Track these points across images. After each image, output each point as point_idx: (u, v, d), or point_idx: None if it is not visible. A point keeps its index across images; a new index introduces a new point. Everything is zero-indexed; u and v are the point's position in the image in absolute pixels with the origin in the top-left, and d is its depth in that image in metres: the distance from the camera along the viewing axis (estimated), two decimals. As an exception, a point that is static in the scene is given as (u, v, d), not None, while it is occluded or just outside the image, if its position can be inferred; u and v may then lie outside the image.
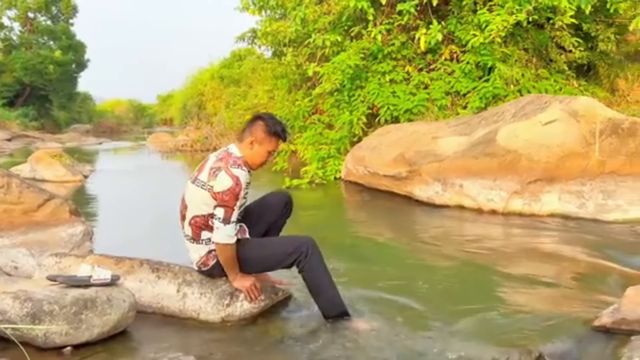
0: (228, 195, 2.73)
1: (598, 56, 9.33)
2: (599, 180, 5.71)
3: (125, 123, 48.16)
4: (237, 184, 2.72)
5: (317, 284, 2.88)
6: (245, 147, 2.86)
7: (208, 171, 2.82)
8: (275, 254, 2.92)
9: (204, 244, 2.95)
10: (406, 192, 6.87)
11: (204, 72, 26.79)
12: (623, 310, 2.66)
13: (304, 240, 2.89)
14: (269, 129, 2.85)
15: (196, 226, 2.92)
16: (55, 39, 35.89)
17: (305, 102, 10.34)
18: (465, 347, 2.58)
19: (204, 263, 3.00)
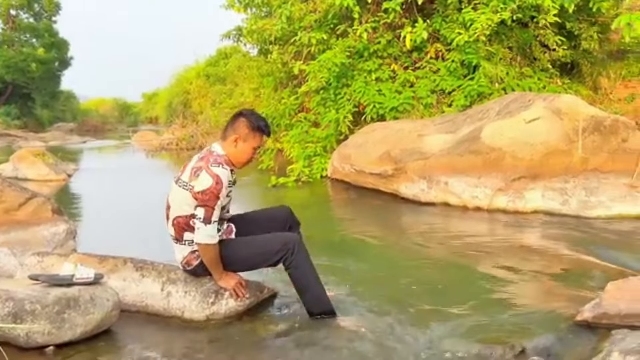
0: (208, 194, 2.69)
1: (581, 55, 9.43)
2: (581, 177, 5.77)
3: (110, 122, 47.76)
4: (218, 183, 2.68)
5: (304, 282, 2.89)
6: (229, 145, 2.82)
7: (190, 171, 2.79)
8: (261, 252, 2.91)
9: (187, 244, 2.92)
10: (392, 190, 6.89)
11: (189, 70, 26.64)
12: (604, 305, 2.70)
13: (290, 238, 2.89)
14: (252, 124, 2.81)
15: (179, 227, 2.89)
16: (37, 37, 35.39)
17: (291, 100, 10.32)
18: (449, 344, 2.60)
19: (188, 263, 2.98)
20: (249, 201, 7.22)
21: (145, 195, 7.95)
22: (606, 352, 2.23)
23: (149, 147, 18.00)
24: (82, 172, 11.41)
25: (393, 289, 3.40)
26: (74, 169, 11.44)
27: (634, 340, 2.21)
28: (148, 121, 44.02)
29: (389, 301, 3.20)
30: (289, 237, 2.90)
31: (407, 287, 3.48)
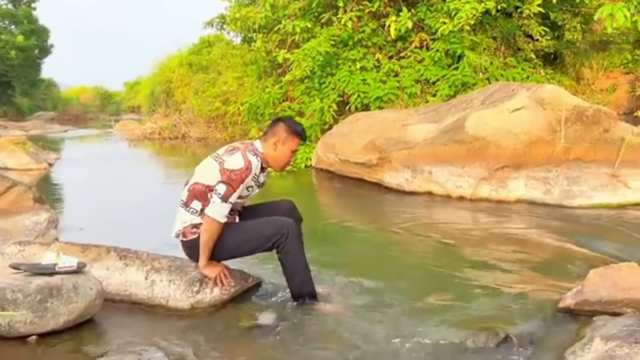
0: (236, 175, 2.78)
1: (564, 45, 9.52)
2: (564, 166, 5.83)
3: (92, 110, 47.17)
4: (248, 168, 2.79)
5: (294, 266, 2.91)
6: (269, 147, 2.95)
7: (226, 148, 2.92)
8: (257, 236, 2.91)
9: (190, 212, 2.92)
10: (376, 179, 6.91)
11: (172, 59, 26.28)
12: (586, 292, 2.74)
13: (284, 222, 2.92)
14: (290, 129, 2.95)
15: (193, 192, 2.92)
16: (17, 24, 34.63)
17: (275, 89, 10.26)
18: (433, 330, 2.62)
19: (184, 234, 2.95)
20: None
21: (128, 185, 7.88)
22: (588, 338, 2.26)
23: (132, 136, 17.82)
24: (63, 162, 11.25)
25: (377, 277, 3.40)
26: (55, 158, 11.28)
27: (615, 327, 2.25)
28: (130, 110, 43.51)
29: (373, 289, 3.21)
30: (283, 221, 2.93)
31: (391, 276, 3.50)
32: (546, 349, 2.42)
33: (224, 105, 14.04)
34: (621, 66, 10.13)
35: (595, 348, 2.12)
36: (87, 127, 28.94)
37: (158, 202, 6.47)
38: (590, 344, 2.17)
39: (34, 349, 2.46)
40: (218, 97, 14.76)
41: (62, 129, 25.70)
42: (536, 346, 2.46)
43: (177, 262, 3.04)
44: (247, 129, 11.42)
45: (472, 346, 2.47)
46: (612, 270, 2.77)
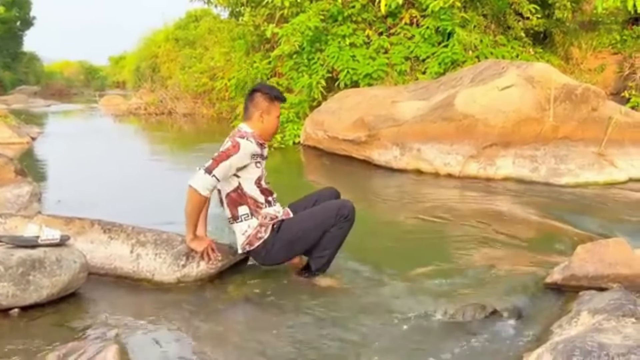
0: (221, 153, 2.75)
1: (554, 24, 9.47)
2: (552, 145, 5.85)
3: (76, 85, 46.40)
4: (235, 147, 2.75)
5: (333, 242, 2.89)
6: (257, 121, 2.91)
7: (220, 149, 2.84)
8: (320, 222, 2.87)
9: (243, 220, 2.86)
10: (365, 157, 6.88)
11: (158, 33, 25.81)
12: (573, 267, 2.74)
13: (345, 203, 2.92)
14: (269, 96, 2.91)
15: (232, 203, 2.88)
16: (-3, -5, 33.83)
17: (263, 65, 10.12)
18: (421, 304, 2.62)
19: (250, 243, 2.88)
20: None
21: (112, 159, 7.77)
22: (575, 312, 2.27)
23: (117, 111, 17.59)
24: (46, 136, 11.07)
25: (366, 252, 3.39)
26: (38, 132, 11.10)
27: (601, 301, 2.25)
28: (115, 85, 42.90)
29: (362, 264, 3.20)
30: (343, 203, 2.93)
31: (380, 251, 3.49)
32: (533, 323, 2.43)
33: (211, 81, 13.88)
34: (609, 46, 10.11)
35: (582, 321, 2.12)
36: (71, 102, 28.48)
37: (143, 178, 6.41)
38: (577, 318, 2.17)
39: (16, 322, 2.42)
40: (205, 73, 14.57)
41: (46, 104, 25.27)
42: (523, 320, 2.47)
43: (163, 236, 3.00)
44: (235, 105, 11.30)
45: (461, 320, 2.48)
46: (599, 246, 2.78)
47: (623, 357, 1.72)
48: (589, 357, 1.74)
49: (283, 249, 2.88)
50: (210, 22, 17.92)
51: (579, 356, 1.75)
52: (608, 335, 1.87)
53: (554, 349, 1.87)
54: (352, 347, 2.27)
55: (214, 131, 12.44)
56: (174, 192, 5.51)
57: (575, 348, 1.79)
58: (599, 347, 1.78)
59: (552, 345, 1.93)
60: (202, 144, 9.65)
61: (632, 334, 1.86)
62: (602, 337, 1.86)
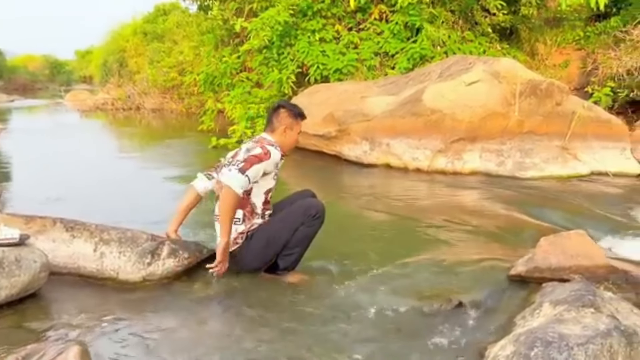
0: (252, 156, 2.77)
1: (520, 20, 9.61)
2: (517, 139, 5.95)
3: (40, 80, 45.33)
4: (266, 154, 2.80)
5: (303, 240, 2.91)
6: (281, 135, 3.00)
7: (244, 152, 2.84)
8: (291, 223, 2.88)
9: (233, 223, 2.84)
10: (335, 152, 6.89)
11: (125, 27, 25.35)
12: (536, 259, 2.80)
13: (314, 203, 2.97)
14: (293, 113, 3.03)
15: None
16: (-44, -14, 32.67)
17: (232, 59, 10.01)
18: (389, 300, 2.63)
19: (234, 241, 2.87)
20: (188, 163, 7.04)
21: (77, 156, 7.61)
22: (537, 303, 2.31)
23: (83, 107, 17.23)
24: (9, 132, 10.77)
25: (335, 249, 3.39)
26: (0, 128, 10.78)
27: (563, 292, 2.30)
28: (82, 80, 42.03)
29: (330, 261, 3.19)
30: (313, 202, 2.98)
31: (348, 247, 3.50)
32: (498, 315, 2.47)
33: (180, 76, 13.71)
34: (573, 42, 10.31)
35: (544, 312, 2.16)
36: (36, 97, 27.78)
37: (109, 175, 6.29)
38: (540, 309, 2.22)
39: (-26, 324, 2.35)
40: (173, 67, 14.38)
41: (9, 99, 24.61)
42: (488, 312, 2.50)
43: (127, 234, 2.94)
44: (204, 99, 11.17)
45: (428, 312, 2.50)
46: (561, 238, 2.84)
47: (582, 347, 1.76)
48: (549, 347, 1.77)
49: (257, 255, 2.89)
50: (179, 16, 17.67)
51: (540, 347, 1.78)
52: (568, 325, 1.91)
53: (516, 340, 1.90)
54: (317, 343, 2.26)
55: (183, 126, 12.30)
56: (141, 189, 5.47)
57: (536, 339, 1.83)
58: (559, 337, 1.81)
59: (514, 336, 1.96)
60: (171, 139, 9.54)
61: (590, 324, 1.90)
62: (563, 327, 1.90)
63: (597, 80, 8.44)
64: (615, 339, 1.83)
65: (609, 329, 1.86)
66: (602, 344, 1.78)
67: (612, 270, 2.64)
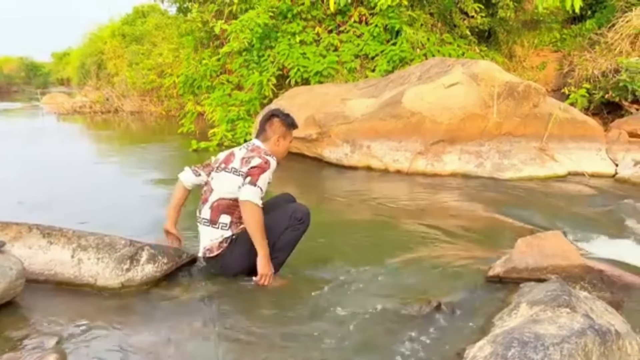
0: (256, 168, 2.83)
1: (498, 23, 9.73)
2: (496, 141, 6.02)
3: (16, 82, 44.59)
4: (267, 163, 2.86)
5: (287, 245, 2.94)
6: (274, 144, 3.04)
7: (240, 161, 2.92)
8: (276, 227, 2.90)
9: (220, 228, 2.88)
10: (316, 154, 6.90)
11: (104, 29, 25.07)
12: (513, 260, 2.84)
13: (300, 208, 2.98)
14: (286, 122, 3.07)
15: (218, 208, 2.90)
16: None
17: (212, 62, 9.97)
18: (367, 301, 2.65)
19: (211, 249, 2.89)
20: (168, 167, 6.99)
21: (54, 160, 7.50)
22: (515, 303, 2.34)
23: (60, 110, 16.99)
24: (-16, 136, 10.58)
25: (315, 250, 3.40)
26: (-26, 132, 10.58)
27: (539, 292, 2.33)
28: (59, 83, 41.47)
29: (310, 261, 3.20)
30: (296, 207, 3.00)
31: (328, 249, 3.51)
32: (476, 315, 2.49)
33: (159, 78, 13.60)
34: (550, 44, 10.49)
35: (521, 313, 2.19)
36: (12, 100, 27.33)
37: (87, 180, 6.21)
38: (517, 309, 2.25)
39: (-52, 334, 2.30)
40: (153, 70, 14.25)
41: (-16, 102, 24.16)
42: (467, 313, 2.53)
43: (105, 239, 2.91)
44: (184, 102, 11.10)
45: (407, 314, 2.52)
46: (538, 238, 2.88)
47: (558, 346, 1.79)
48: (526, 347, 1.80)
49: (241, 258, 2.88)
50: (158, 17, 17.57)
51: (517, 347, 1.81)
52: (544, 325, 1.94)
53: (494, 341, 1.92)
54: (299, 347, 2.27)
55: (163, 129, 12.20)
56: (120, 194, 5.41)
57: (513, 339, 1.85)
58: (536, 337, 1.84)
59: (492, 337, 1.99)
60: (150, 142, 9.46)
61: (566, 324, 1.93)
62: (539, 327, 1.93)
63: (573, 82, 8.60)
64: (589, 337, 1.86)
65: (583, 328, 1.89)
66: (576, 343, 1.81)
67: (588, 270, 2.69)
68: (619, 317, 2.21)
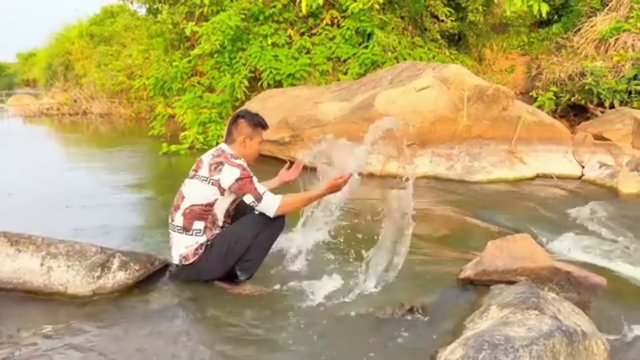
0: (243, 180, 2.82)
1: (467, 26, 9.91)
2: (466, 143, 6.12)
3: (-21, 83, 43.31)
4: (245, 169, 2.86)
5: (264, 248, 2.93)
6: (239, 146, 2.98)
7: (208, 167, 2.87)
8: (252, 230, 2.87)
9: (194, 234, 2.84)
10: (289, 157, 6.88)
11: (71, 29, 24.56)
12: (484, 262, 2.89)
13: None
14: (253, 122, 3.01)
15: (191, 215, 2.85)
16: None
17: (183, 64, 9.87)
18: (341, 306, 2.67)
19: (186, 257, 2.85)
20: (138, 171, 6.90)
21: (20, 165, 7.32)
22: (485, 306, 2.39)
23: (27, 112, 16.62)
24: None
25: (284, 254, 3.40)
26: None
27: (508, 295, 2.38)
28: (25, 84, 40.46)
29: (283, 268, 3.21)
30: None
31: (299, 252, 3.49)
32: (448, 318, 2.53)
33: (129, 80, 13.40)
34: (518, 48, 10.71)
35: (491, 315, 2.24)
36: (-25, 102, 26.57)
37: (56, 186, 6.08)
38: (488, 312, 2.29)
39: None
40: (122, 71, 14.04)
41: (-55, 104, 23.41)
42: (439, 315, 2.57)
43: (76, 247, 2.86)
44: (154, 104, 10.96)
45: (380, 318, 2.54)
46: (507, 241, 2.94)
47: (527, 348, 1.84)
48: (496, 350, 1.84)
49: (217, 264, 2.86)
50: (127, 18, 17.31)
51: (488, 350, 1.85)
52: (514, 328, 1.99)
53: (465, 343, 1.96)
54: (269, 351, 2.27)
55: (133, 132, 12.03)
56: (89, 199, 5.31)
57: (484, 342, 1.89)
58: (506, 340, 1.89)
59: (464, 339, 2.03)
60: (120, 146, 9.32)
61: (535, 326, 1.98)
62: (509, 330, 1.98)
63: (541, 85, 8.80)
64: (557, 339, 1.91)
65: (551, 329, 1.95)
66: (545, 345, 1.86)
67: (555, 272, 2.76)
68: (585, 318, 2.27)
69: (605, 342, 2.15)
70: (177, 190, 3.00)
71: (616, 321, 2.56)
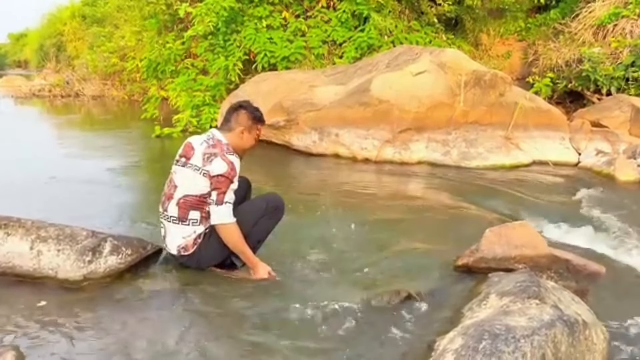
0: (223, 178, 2.74)
1: (464, 11, 9.79)
2: (462, 129, 6.07)
3: (-30, 64, 42.76)
4: (232, 169, 2.76)
5: (262, 234, 2.93)
6: (236, 136, 2.91)
7: (201, 157, 2.79)
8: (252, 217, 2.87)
9: (191, 224, 2.79)
10: (284, 142, 6.83)
11: (63, 10, 24.21)
12: (482, 249, 2.85)
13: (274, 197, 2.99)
14: (254, 116, 2.94)
15: (185, 205, 2.78)
16: None
17: (176, 45, 9.72)
18: (336, 293, 2.63)
19: (185, 248, 2.80)
20: (130, 154, 6.81)
21: (10, 147, 7.21)
22: (484, 294, 2.35)
23: (18, 93, 16.39)
24: None
25: (281, 240, 3.35)
26: None
27: (508, 283, 2.35)
28: (16, 65, 40.02)
29: (276, 252, 3.15)
30: (272, 197, 3.00)
31: (296, 241, 3.45)
32: (446, 306, 2.50)
33: (122, 62, 13.21)
34: (515, 33, 10.63)
35: (491, 304, 2.20)
36: (-35, 83, 26.21)
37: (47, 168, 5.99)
38: (487, 300, 2.25)
39: None
40: (115, 53, 13.83)
41: None
42: (436, 303, 2.53)
43: (66, 231, 2.80)
44: (147, 87, 10.82)
45: (376, 306, 2.51)
46: (506, 228, 2.90)
47: (528, 338, 1.80)
48: (497, 339, 1.80)
49: (218, 250, 2.82)
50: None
51: (488, 339, 1.81)
52: (514, 317, 1.95)
53: (465, 332, 1.92)
54: (266, 339, 2.23)
55: (125, 114, 11.90)
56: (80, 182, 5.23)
57: (484, 332, 1.86)
58: (507, 329, 1.85)
59: (463, 328, 1.99)
60: (112, 128, 9.21)
61: (536, 315, 1.95)
62: (509, 319, 1.94)
63: (537, 71, 8.73)
64: (558, 329, 1.88)
65: (552, 319, 1.91)
66: (546, 335, 1.83)
67: (554, 260, 2.72)
68: (584, 307, 2.24)
69: (604, 330, 2.12)
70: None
71: (615, 309, 2.54)
